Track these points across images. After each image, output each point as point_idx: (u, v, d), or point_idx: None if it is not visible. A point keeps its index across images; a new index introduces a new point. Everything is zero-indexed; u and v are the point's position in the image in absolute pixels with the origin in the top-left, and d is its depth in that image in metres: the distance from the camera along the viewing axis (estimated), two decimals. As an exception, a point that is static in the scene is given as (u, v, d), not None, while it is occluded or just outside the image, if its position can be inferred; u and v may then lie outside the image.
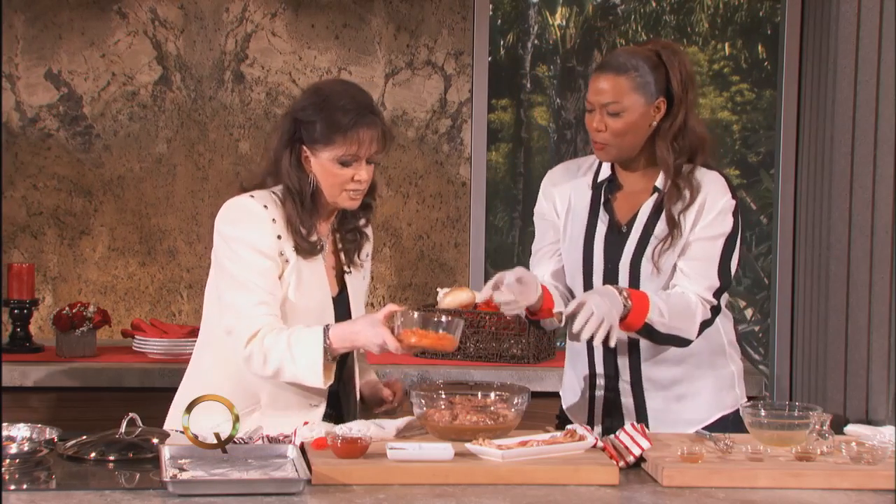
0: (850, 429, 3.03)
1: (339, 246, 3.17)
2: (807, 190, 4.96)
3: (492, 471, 2.66)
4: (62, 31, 4.79)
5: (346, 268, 3.16)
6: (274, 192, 3.06)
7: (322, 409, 3.07)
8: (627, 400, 3.21)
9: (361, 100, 3.03)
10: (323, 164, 3.02)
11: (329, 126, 2.99)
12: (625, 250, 3.14)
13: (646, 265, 3.12)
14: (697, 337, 3.10)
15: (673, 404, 3.19)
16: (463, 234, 4.97)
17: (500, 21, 5.36)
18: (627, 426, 2.85)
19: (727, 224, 3.12)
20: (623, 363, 3.19)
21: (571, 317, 2.97)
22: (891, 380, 4.81)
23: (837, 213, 4.79)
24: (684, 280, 3.10)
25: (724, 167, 5.31)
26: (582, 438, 2.83)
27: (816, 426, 2.87)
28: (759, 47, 5.43)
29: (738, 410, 3.07)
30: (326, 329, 2.95)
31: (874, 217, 4.77)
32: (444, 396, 2.94)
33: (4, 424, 2.82)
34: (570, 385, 3.33)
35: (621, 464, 2.77)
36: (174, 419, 3.08)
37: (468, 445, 2.76)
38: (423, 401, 2.91)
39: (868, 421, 4.75)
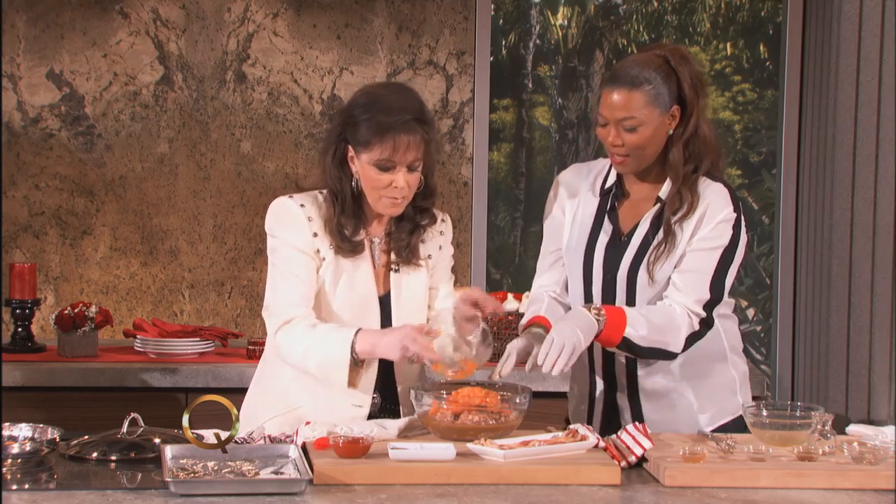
0: (852, 429, 3.02)
1: (391, 245, 3.15)
2: (809, 190, 4.96)
3: (493, 471, 2.66)
4: (64, 31, 4.79)
5: (393, 266, 3.14)
6: (320, 193, 3.09)
7: (366, 410, 3.07)
8: (625, 410, 3.17)
9: (407, 105, 2.99)
10: (363, 167, 3.01)
11: (369, 128, 2.97)
12: (623, 260, 3.10)
13: (642, 275, 3.07)
14: (684, 350, 3.05)
15: (668, 413, 3.14)
16: (465, 234, 4.96)
17: (501, 21, 5.36)
18: (629, 426, 2.84)
19: (725, 236, 3.05)
20: (620, 374, 3.16)
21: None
22: (892, 380, 4.80)
23: (839, 212, 4.79)
24: (674, 292, 3.04)
25: (725, 167, 5.33)
26: (584, 438, 2.82)
27: (818, 426, 2.87)
28: (761, 47, 5.42)
29: (740, 417, 3.04)
30: (356, 333, 2.96)
31: (876, 217, 4.76)
32: (445, 396, 2.94)
33: (6, 424, 2.82)
34: (573, 393, 3.32)
35: (623, 464, 2.76)
36: (247, 419, 3.06)
37: (470, 445, 2.75)
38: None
39: (870, 421, 4.75)
